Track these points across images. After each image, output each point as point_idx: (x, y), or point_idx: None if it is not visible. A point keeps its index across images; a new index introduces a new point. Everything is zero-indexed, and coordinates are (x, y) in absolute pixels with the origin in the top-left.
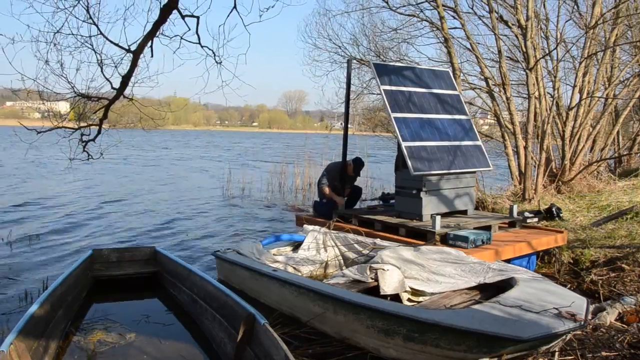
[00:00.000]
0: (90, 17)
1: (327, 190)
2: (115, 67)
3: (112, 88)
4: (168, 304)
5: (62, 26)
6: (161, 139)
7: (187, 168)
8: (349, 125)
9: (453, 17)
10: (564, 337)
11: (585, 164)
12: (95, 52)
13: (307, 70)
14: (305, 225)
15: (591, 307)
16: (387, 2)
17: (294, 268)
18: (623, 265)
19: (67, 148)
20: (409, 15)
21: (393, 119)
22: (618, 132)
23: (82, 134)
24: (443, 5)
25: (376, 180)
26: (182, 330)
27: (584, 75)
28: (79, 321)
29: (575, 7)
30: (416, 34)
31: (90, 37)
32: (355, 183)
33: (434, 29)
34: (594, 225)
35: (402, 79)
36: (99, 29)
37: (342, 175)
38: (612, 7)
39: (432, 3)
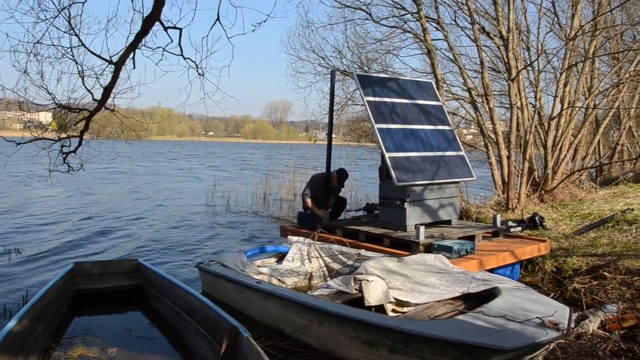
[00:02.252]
0: (72, 28)
1: (309, 202)
2: (97, 78)
3: (94, 99)
4: (151, 317)
5: (43, 36)
6: (144, 150)
7: (170, 179)
8: (333, 136)
9: (436, 28)
10: (547, 346)
11: (567, 173)
12: (77, 63)
13: (290, 81)
14: (289, 237)
15: (574, 316)
16: (370, 14)
17: (278, 280)
18: (605, 273)
19: (47, 160)
20: (392, 27)
21: (377, 130)
22: (599, 142)
23: (62, 146)
24: (426, 17)
25: (361, 190)
26: (165, 344)
27: (565, 85)
28: (60, 336)
29: (556, 19)
30: (400, 45)
31: (71, 47)
32: (340, 194)
33: (418, 40)
34: (576, 234)
35: (385, 90)
36: (80, 40)
37: (326, 186)
38: (591, 19)
39: (415, 15)
